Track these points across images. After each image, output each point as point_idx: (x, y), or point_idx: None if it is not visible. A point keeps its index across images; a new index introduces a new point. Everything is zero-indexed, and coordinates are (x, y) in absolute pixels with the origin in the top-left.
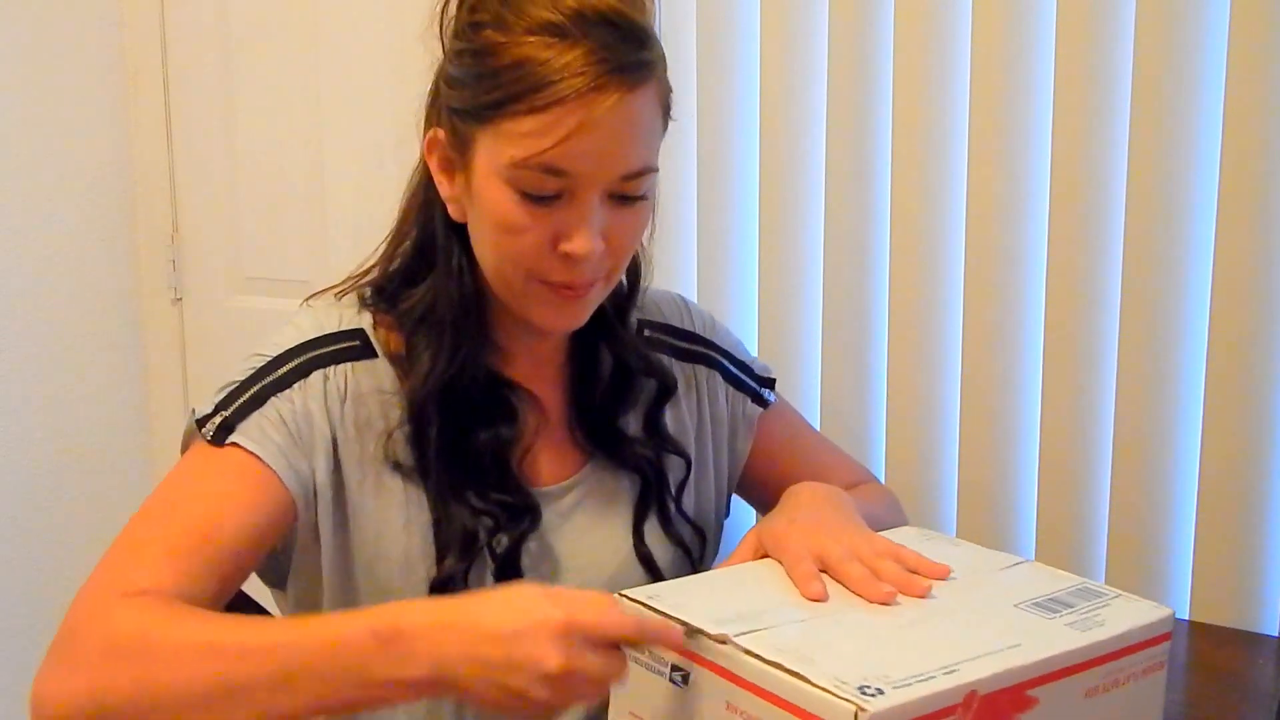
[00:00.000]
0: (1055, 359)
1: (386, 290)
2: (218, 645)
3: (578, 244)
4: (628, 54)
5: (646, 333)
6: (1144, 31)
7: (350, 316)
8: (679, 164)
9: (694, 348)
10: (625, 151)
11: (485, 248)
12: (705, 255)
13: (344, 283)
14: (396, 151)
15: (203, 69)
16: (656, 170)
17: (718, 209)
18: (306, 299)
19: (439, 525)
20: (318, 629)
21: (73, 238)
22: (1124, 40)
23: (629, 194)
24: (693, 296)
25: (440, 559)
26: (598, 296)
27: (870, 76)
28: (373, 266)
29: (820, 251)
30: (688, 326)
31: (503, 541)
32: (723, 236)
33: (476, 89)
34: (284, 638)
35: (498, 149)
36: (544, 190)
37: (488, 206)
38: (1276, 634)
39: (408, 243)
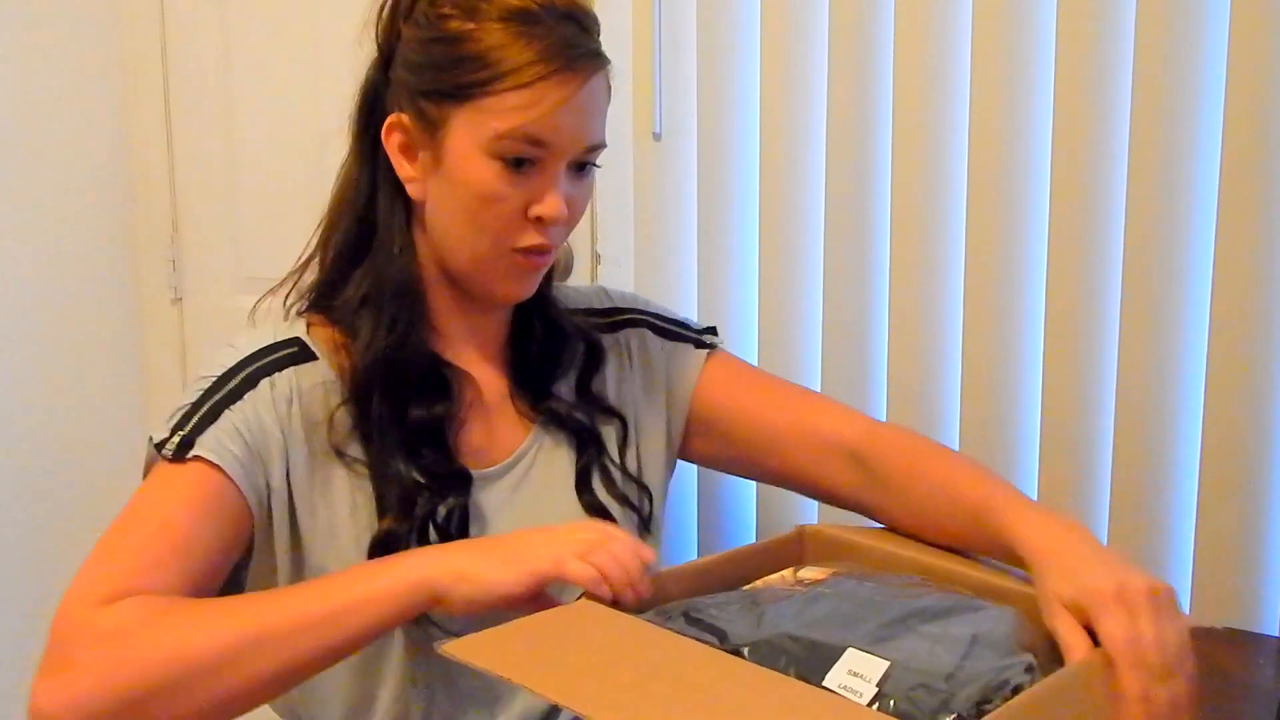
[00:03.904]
0: (1055, 360)
1: (319, 290)
2: (222, 609)
3: (548, 206)
4: (589, 42)
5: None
6: (1144, 31)
7: (284, 328)
8: (679, 163)
9: (617, 318)
10: (591, 125)
11: (456, 220)
12: (705, 255)
13: (285, 280)
14: None
15: (203, 69)
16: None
17: (718, 208)
18: (254, 306)
19: (378, 487)
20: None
21: (73, 238)
22: (1124, 40)
23: (587, 162)
24: (693, 298)
25: (380, 519)
26: (547, 266)
27: (870, 76)
28: (308, 261)
29: (820, 252)
30: (608, 305)
31: (440, 510)
32: (723, 236)
33: (454, 71)
34: (293, 589)
35: (480, 123)
36: (524, 156)
37: (467, 179)
38: (1277, 634)
39: (338, 234)
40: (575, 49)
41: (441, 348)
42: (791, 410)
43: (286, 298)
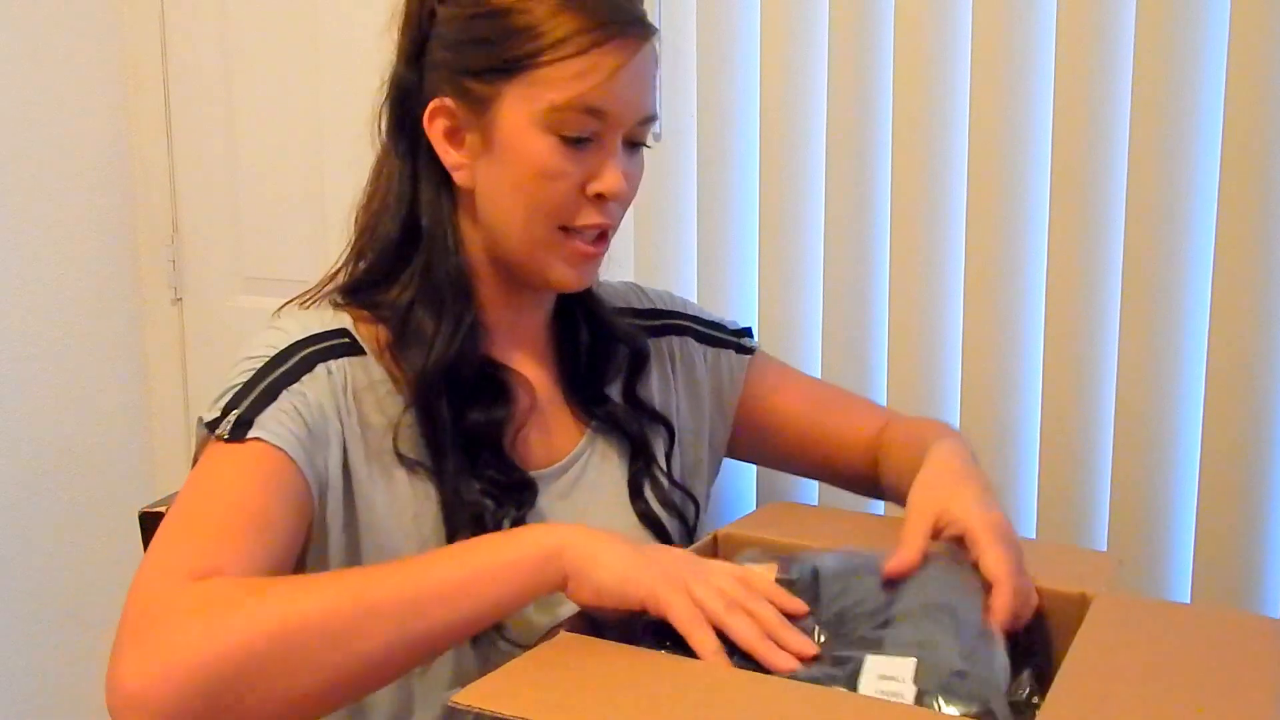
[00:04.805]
0: (1055, 360)
1: (360, 289)
2: (327, 581)
3: (609, 181)
4: (637, 8)
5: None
6: (1144, 31)
7: (329, 318)
8: (679, 163)
9: (659, 322)
10: (647, 94)
11: (511, 202)
12: (705, 255)
13: (314, 289)
14: None
15: (203, 69)
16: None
17: (718, 208)
18: (275, 311)
19: (449, 506)
20: (449, 548)
21: (73, 238)
22: (1124, 40)
23: (639, 139)
24: (693, 296)
25: (450, 539)
26: (603, 257)
27: (870, 76)
28: (339, 270)
29: (820, 252)
30: (648, 305)
31: (505, 523)
32: (723, 236)
33: (502, 45)
34: (403, 562)
35: (533, 96)
36: (583, 131)
37: (522, 155)
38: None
39: (379, 238)
40: (625, 14)
41: (489, 345)
42: (831, 412)
43: (312, 297)
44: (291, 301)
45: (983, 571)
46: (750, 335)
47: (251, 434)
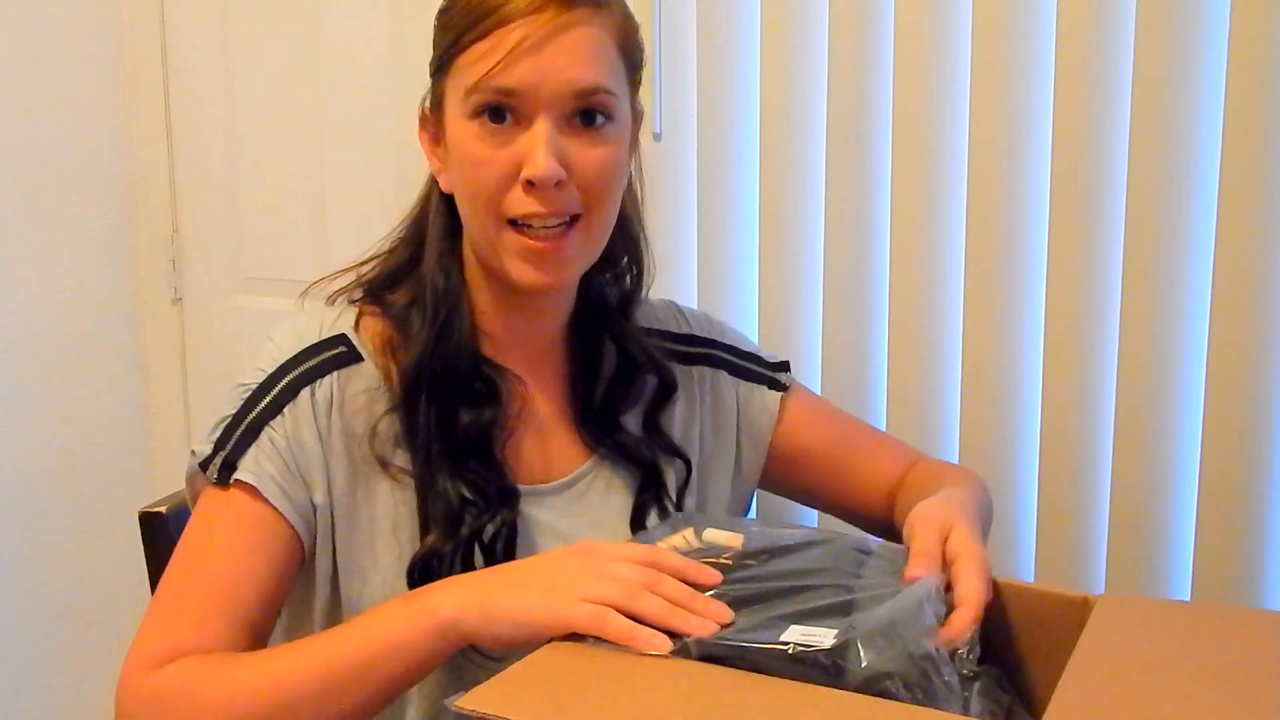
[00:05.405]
0: (1055, 362)
1: (376, 285)
2: (257, 670)
3: (534, 164)
4: None
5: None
6: (1144, 31)
7: (331, 321)
8: (679, 163)
9: (694, 350)
10: (570, 66)
11: (463, 199)
12: (705, 255)
13: (343, 271)
14: (397, 152)
15: (203, 69)
16: (613, 95)
17: (718, 208)
18: (303, 291)
19: (423, 501)
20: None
21: (73, 238)
22: (1124, 40)
23: (585, 110)
24: (693, 300)
25: (424, 535)
26: (576, 253)
27: (870, 76)
28: (373, 259)
29: (820, 253)
30: (685, 330)
31: (488, 529)
32: (723, 236)
33: (440, 42)
34: (318, 639)
35: (457, 85)
36: (493, 104)
37: (458, 148)
38: None
39: (403, 239)
40: None
41: (490, 351)
42: (857, 453)
43: (340, 288)
44: (325, 279)
45: (957, 591)
46: (787, 369)
47: (236, 477)
